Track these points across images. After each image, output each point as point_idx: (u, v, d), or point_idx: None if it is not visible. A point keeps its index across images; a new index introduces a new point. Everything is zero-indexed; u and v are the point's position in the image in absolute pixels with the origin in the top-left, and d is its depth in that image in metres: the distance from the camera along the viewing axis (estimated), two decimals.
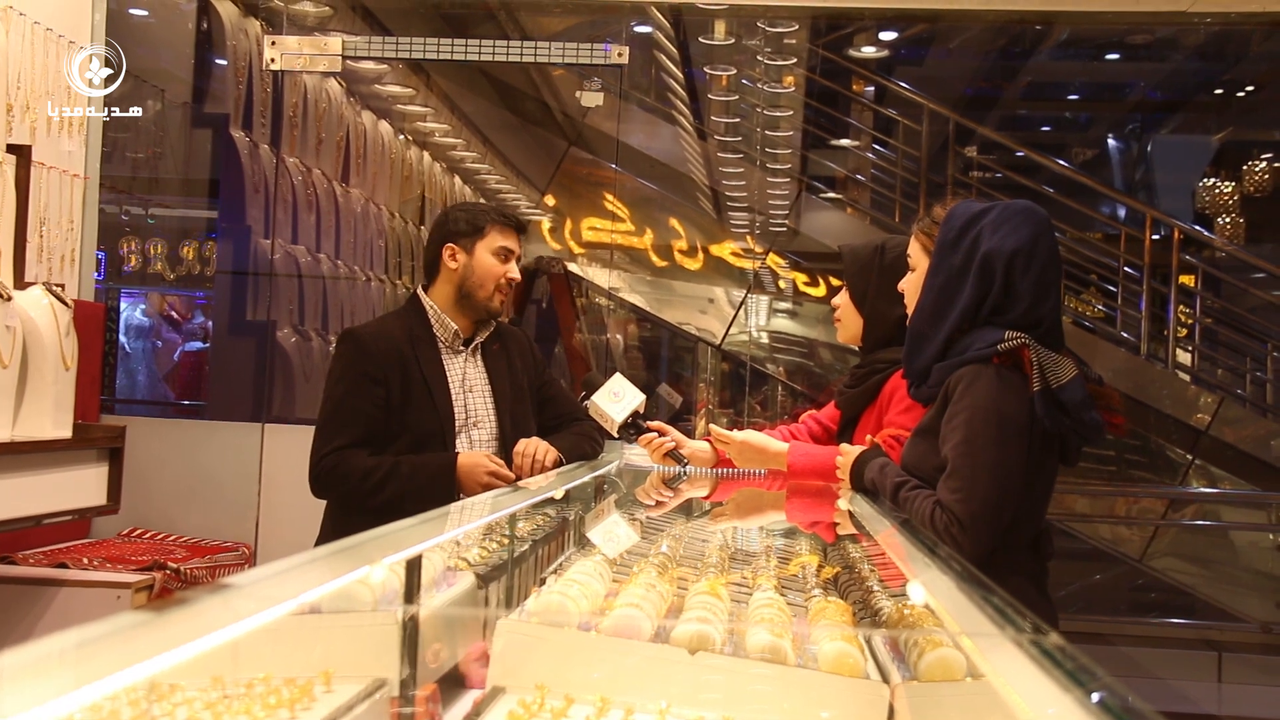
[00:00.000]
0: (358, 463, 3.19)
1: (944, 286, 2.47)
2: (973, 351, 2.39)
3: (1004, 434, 2.33)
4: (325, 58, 5.42)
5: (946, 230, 2.49)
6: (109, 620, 0.98)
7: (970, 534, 2.29)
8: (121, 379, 7.00)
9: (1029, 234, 2.42)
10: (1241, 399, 7.65)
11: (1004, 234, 2.42)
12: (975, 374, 2.37)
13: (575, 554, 2.45)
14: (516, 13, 6.25)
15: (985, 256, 2.41)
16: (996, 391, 2.35)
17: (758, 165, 8.00)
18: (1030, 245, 2.41)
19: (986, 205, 2.51)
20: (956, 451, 2.34)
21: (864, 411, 3.09)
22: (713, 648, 1.66)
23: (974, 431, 2.33)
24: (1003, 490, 2.33)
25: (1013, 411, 2.35)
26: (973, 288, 2.43)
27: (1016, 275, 2.40)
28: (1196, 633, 6.39)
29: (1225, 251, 8.57)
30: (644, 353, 8.54)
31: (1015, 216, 2.45)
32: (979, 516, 2.30)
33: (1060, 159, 8.98)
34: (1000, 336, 2.37)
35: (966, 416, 2.35)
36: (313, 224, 6.29)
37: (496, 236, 3.40)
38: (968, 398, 2.36)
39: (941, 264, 2.48)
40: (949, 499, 2.32)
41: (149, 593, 4.37)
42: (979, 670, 1.38)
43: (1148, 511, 7.26)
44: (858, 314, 3.12)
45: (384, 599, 1.74)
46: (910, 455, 2.55)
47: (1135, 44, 8.74)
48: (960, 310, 2.44)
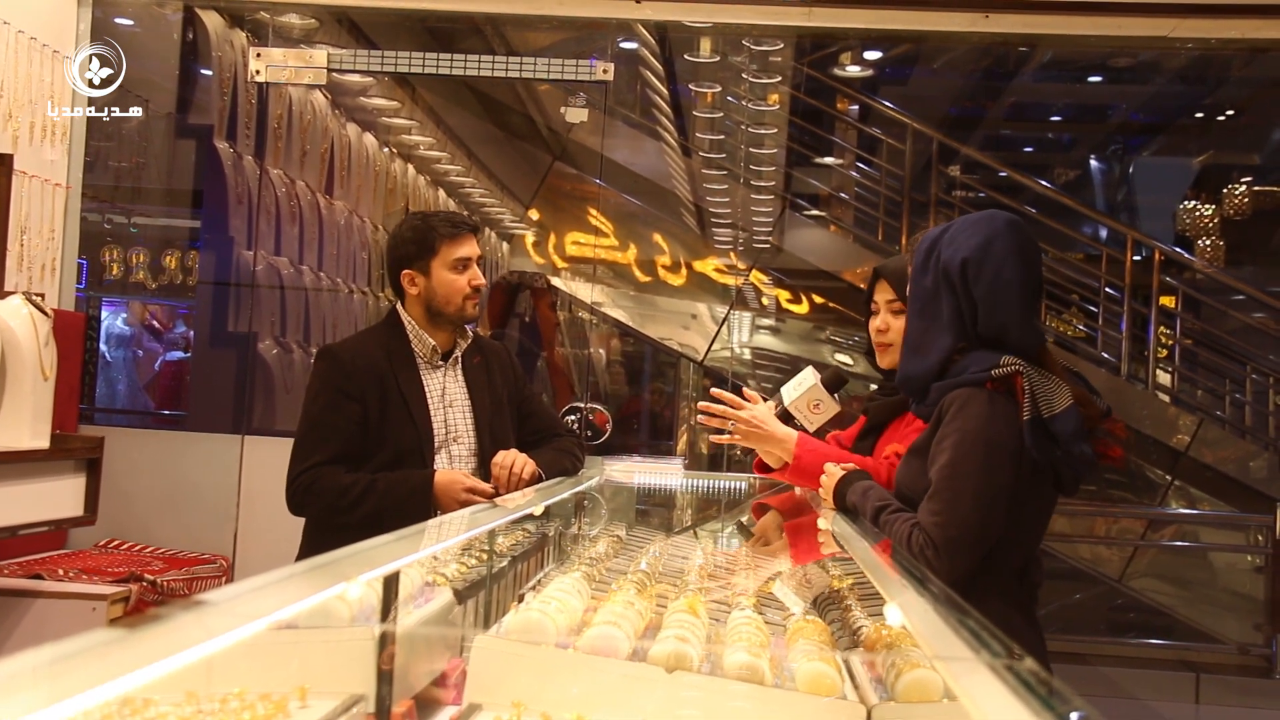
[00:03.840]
0: (334, 480, 3.17)
1: (923, 310, 2.47)
2: (968, 374, 2.38)
3: (990, 460, 2.31)
4: (310, 70, 5.43)
5: (916, 255, 2.50)
6: (84, 635, 0.97)
7: (945, 558, 2.27)
8: (102, 388, 6.96)
9: (980, 240, 2.40)
10: (1221, 420, 7.69)
11: (957, 245, 2.42)
12: (968, 397, 2.36)
13: (554, 570, 2.45)
14: (502, 27, 6.26)
15: (944, 268, 2.41)
16: (986, 416, 2.33)
17: (742, 182, 8.02)
18: (980, 252, 2.39)
19: (946, 224, 2.52)
20: (941, 474, 2.33)
21: (890, 422, 3.04)
22: (690, 666, 1.66)
23: (960, 455, 2.31)
24: (984, 516, 2.30)
25: (1002, 437, 2.33)
26: (947, 302, 2.42)
27: (970, 282, 2.39)
28: (1175, 654, 6.41)
29: (1205, 274, 8.62)
30: (626, 368, 8.53)
31: (970, 226, 2.45)
32: (955, 541, 2.28)
33: (1043, 179, 9.04)
34: (996, 360, 2.35)
35: (955, 440, 2.33)
36: (296, 236, 6.28)
37: (449, 250, 3.32)
38: (958, 420, 2.34)
39: (917, 288, 2.49)
40: (927, 521, 2.30)
41: (125, 605, 4.35)
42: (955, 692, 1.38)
43: (1127, 532, 7.28)
44: None
45: (361, 615, 1.73)
46: (903, 475, 2.54)
47: (1118, 67, 8.80)
48: (946, 327, 2.42)
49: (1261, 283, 8.35)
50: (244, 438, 5.38)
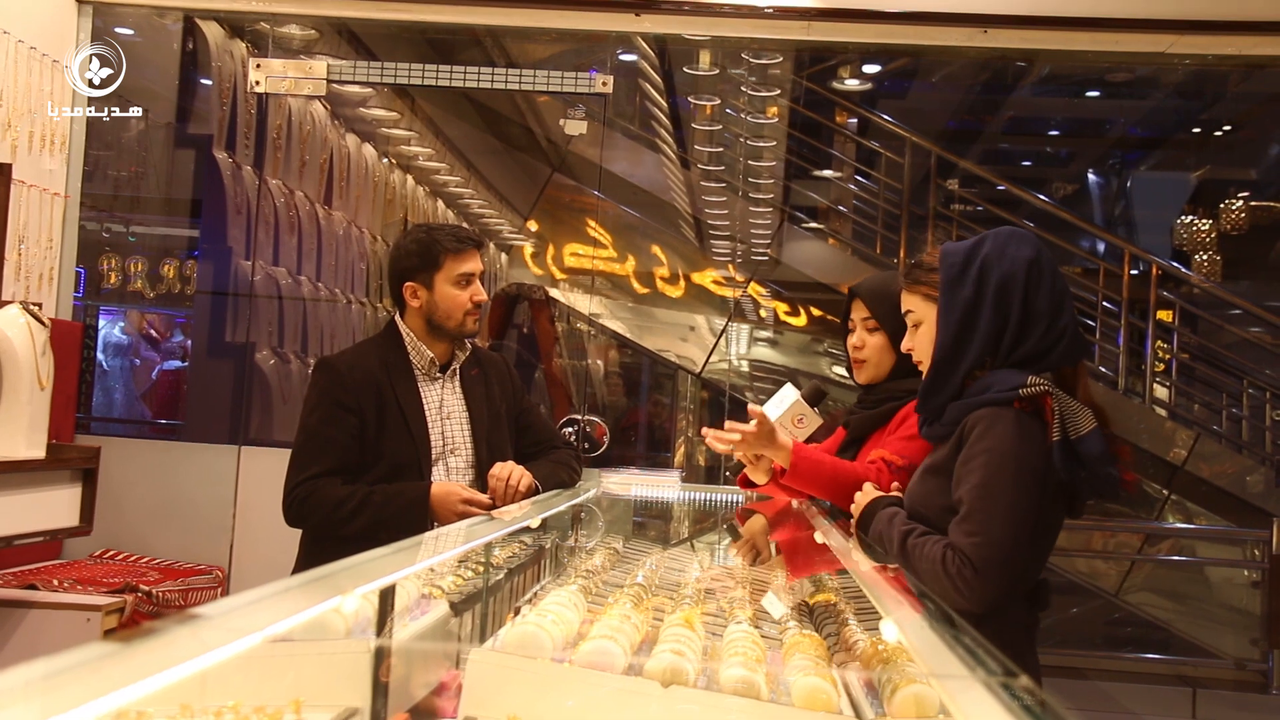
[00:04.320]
0: (330, 493, 3.16)
1: (961, 321, 2.42)
2: (993, 393, 2.35)
3: (1021, 480, 2.28)
4: (310, 81, 5.44)
5: (948, 269, 2.45)
6: (78, 648, 0.97)
7: (983, 577, 2.23)
8: (99, 397, 6.96)
9: (1032, 249, 2.43)
10: (1217, 435, 7.69)
11: (1010, 255, 2.41)
12: (995, 416, 2.33)
13: (551, 583, 2.44)
14: (502, 39, 6.27)
15: (1001, 281, 2.40)
16: (1016, 436, 2.31)
17: (740, 194, 8.03)
18: (1037, 256, 2.42)
19: (977, 238, 2.50)
20: (973, 494, 2.29)
21: (872, 434, 3.07)
22: (686, 681, 1.66)
23: (991, 475, 2.28)
24: (1018, 536, 2.27)
25: (1030, 458, 2.30)
26: (991, 316, 2.40)
27: (1033, 289, 2.39)
28: (1171, 668, 6.41)
29: (1202, 288, 8.63)
30: (624, 380, 8.53)
31: (1013, 238, 2.46)
32: (992, 561, 2.24)
33: (1041, 194, 9.05)
34: (1022, 380, 2.33)
35: (985, 459, 2.30)
36: (294, 246, 6.29)
37: (453, 265, 3.31)
38: (987, 440, 2.31)
39: (953, 300, 2.43)
40: (963, 542, 2.27)
41: (120, 615, 4.34)
42: (951, 709, 1.38)
43: (1124, 546, 7.27)
44: (893, 354, 3.02)
45: (357, 627, 1.73)
46: (917, 493, 2.51)
47: (1115, 82, 8.82)
48: (980, 342, 2.41)
49: (1258, 297, 8.36)
50: (241, 448, 5.38)
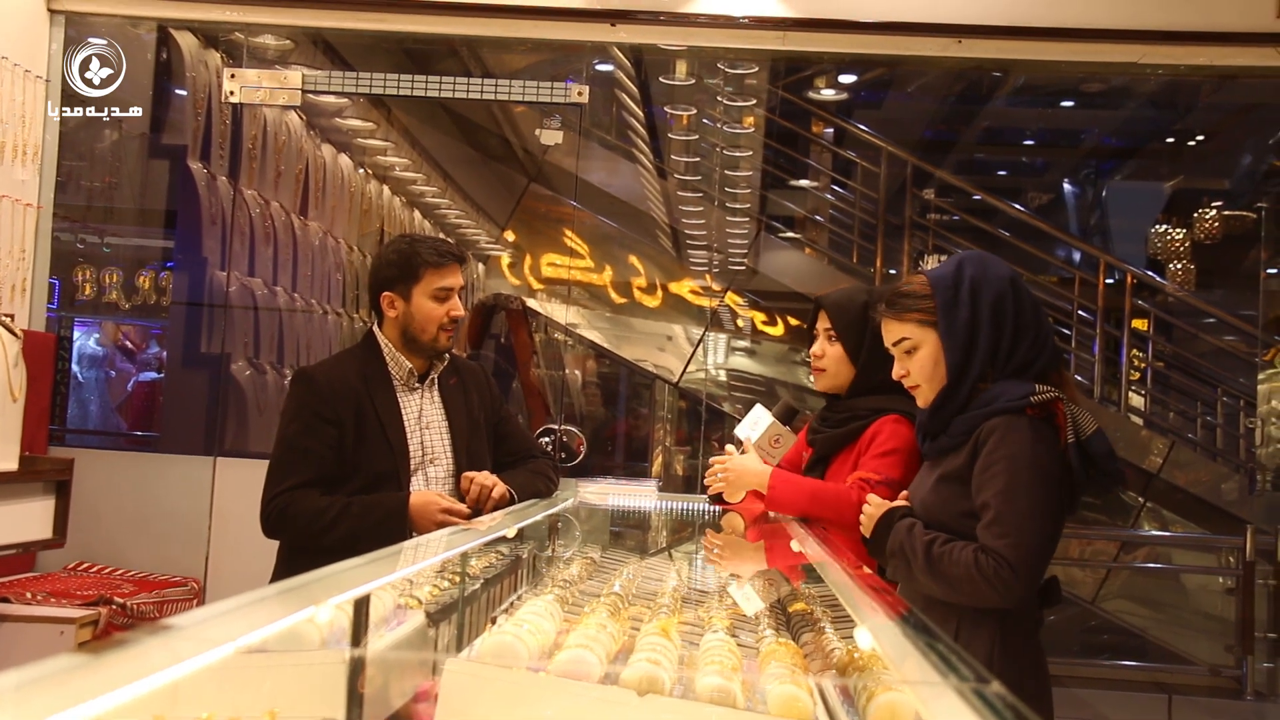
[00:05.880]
0: (309, 504, 3.15)
1: (965, 342, 2.52)
2: (1003, 402, 2.46)
3: (1042, 481, 2.41)
4: (285, 91, 5.42)
5: (943, 293, 2.55)
6: (50, 659, 0.96)
7: (1020, 576, 2.35)
8: (74, 408, 6.91)
9: (1006, 268, 2.59)
10: (1192, 443, 7.73)
11: (994, 275, 2.55)
12: (1009, 424, 2.44)
13: (527, 592, 2.44)
14: (478, 50, 6.27)
15: (994, 299, 2.52)
16: (1032, 441, 2.42)
17: (717, 204, 8.04)
18: (1013, 274, 2.58)
19: (953, 263, 2.61)
20: (999, 499, 2.39)
21: (839, 453, 3.12)
22: (662, 689, 1.65)
23: (1014, 479, 2.39)
24: (1043, 535, 2.40)
25: (1046, 462, 2.42)
26: (989, 332, 2.51)
27: (1019, 302, 2.52)
28: (1147, 675, 6.43)
29: (1176, 297, 8.68)
30: (601, 389, 8.53)
31: (987, 260, 2.61)
32: (1026, 560, 2.36)
33: (1017, 203, 9.08)
34: (1028, 389, 2.45)
35: (1005, 465, 2.41)
36: (270, 256, 6.27)
37: (433, 278, 3.30)
38: (1005, 447, 2.42)
39: (954, 323, 2.53)
40: (996, 544, 2.36)
41: (94, 628, 4.30)
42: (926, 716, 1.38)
43: (1100, 554, 7.30)
44: (851, 365, 3.11)
45: (332, 638, 1.72)
46: (932, 500, 2.57)
47: (1089, 92, 8.86)
48: (982, 357, 2.51)
49: (1232, 306, 8.42)
50: (216, 459, 5.35)
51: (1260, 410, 7.68)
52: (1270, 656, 6.06)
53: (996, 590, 2.35)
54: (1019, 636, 2.49)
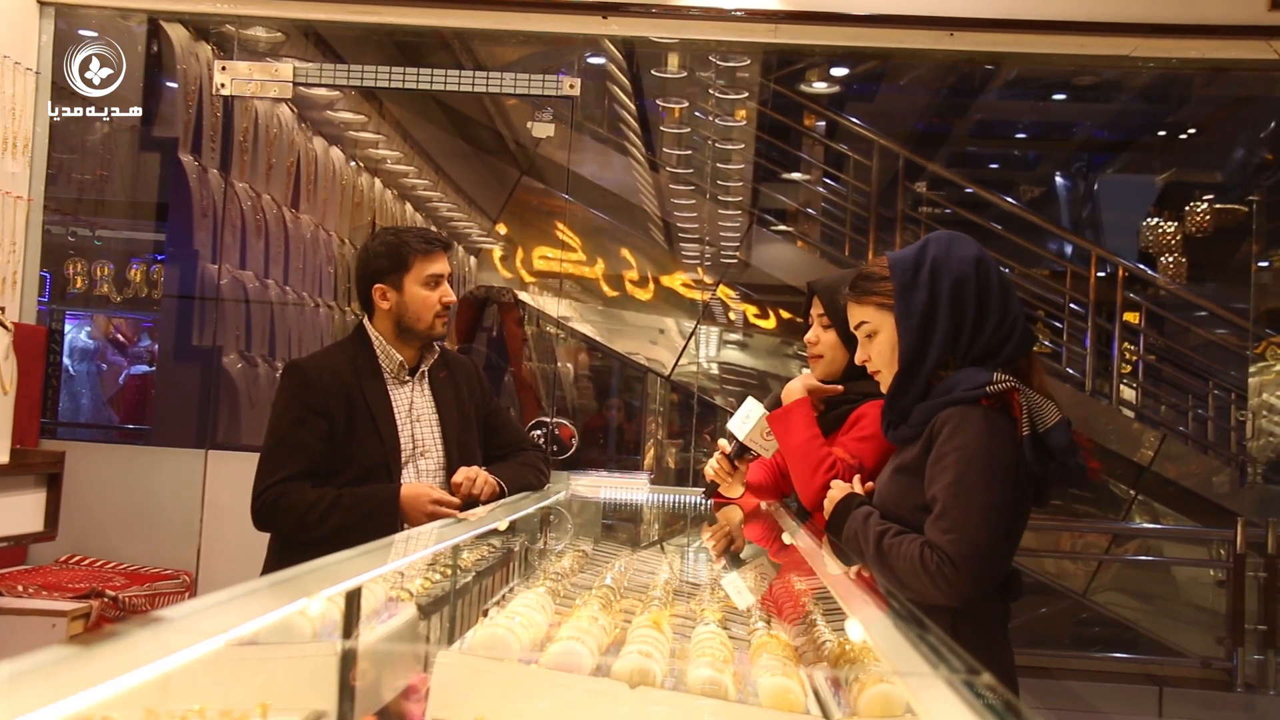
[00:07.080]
0: (300, 496, 3.15)
1: (921, 325, 2.46)
2: (959, 391, 2.39)
3: (993, 475, 2.33)
4: (276, 84, 5.41)
5: (900, 275, 2.49)
6: (40, 651, 0.96)
7: (963, 573, 2.28)
8: (65, 401, 6.90)
9: (975, 248, 2.50)
10: (1183, 436, 7.75)
11: (957, 256, 2.47)
12: (963, 415, 2.37)
13: (519, 585, 2.44)
14: (470, 42, 6.25)
15: (954, 281, 2.44)
16: (985, 433, 2.35)
17: (709, 197, 8.04)
18: (980, 254, 2.49)
19: (919, 244, 2.55)
20: (947, 492, 2.33)
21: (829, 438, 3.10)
22: (653, 682, 1.66)
23: (964, 472, 2.33)
24: (994, 531, 2.32)
25: (1000, 454, 2.35)
26: (948, 316, 2.44)
27: (983, 285, 2.44)
28: (1138, 667, 6.44)
29: (1168, 290, 8.70)
30: (594, 382, 8.52)
31: (955, 240, 2.53)
32: (971, 557, 2.29)
33: (1008, 196, 9.11)
34: (986, 378, 2.38)
35: (956, 457, 2.34)
36: (261, 249, 6.25)
37: (422, 266, 3.33)
38: (957, 438, 2.36)
39: (910, 306, 2.47)
40: (941, 540, 2.30)
41: (86, 621, 4.30)
42: (916, 707, 1.38)
43: (1091, 546, 7.32)
44: (845, 351, 3.06)
45: (323, 630, 1.72)
46: (888, 492, 2.54)
47: (1081, 85, 8.87)
48: (940, 343, 2.44)
49: (1223, 299, 8.43)
50: (208, 452, 5.34)
51: (1251, 403, 7.70)
52: (1261, 649, 6.08)
53: (939, 587, 2.28)
54: (975, 631, 2.40)
